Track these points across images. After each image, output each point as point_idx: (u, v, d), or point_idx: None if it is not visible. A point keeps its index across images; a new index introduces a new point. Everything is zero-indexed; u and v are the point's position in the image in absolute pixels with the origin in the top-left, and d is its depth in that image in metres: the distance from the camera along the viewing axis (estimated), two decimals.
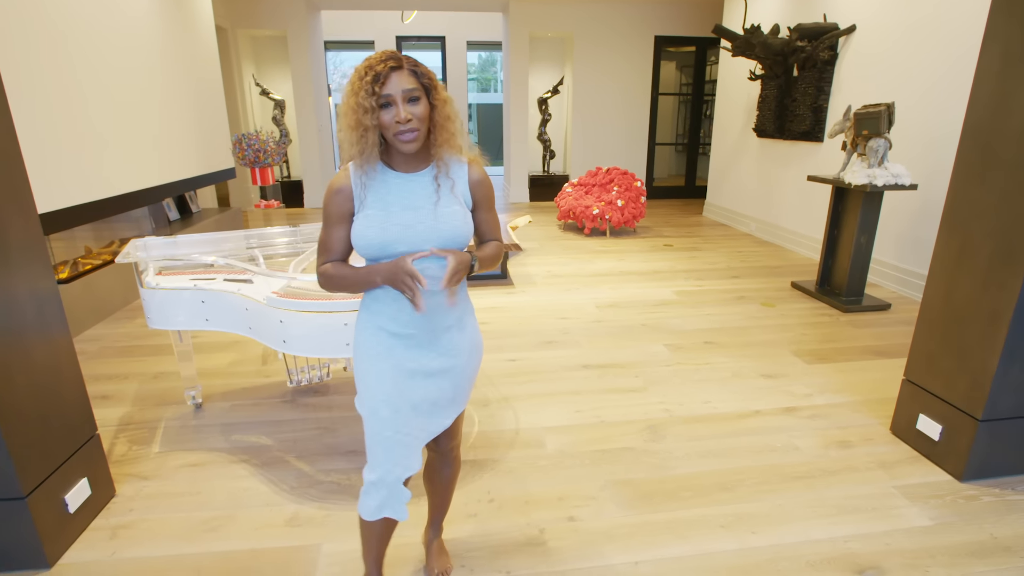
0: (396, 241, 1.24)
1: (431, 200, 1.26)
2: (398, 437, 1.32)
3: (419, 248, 1.24)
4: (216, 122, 5.82)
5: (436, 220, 1.25)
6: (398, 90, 1.17)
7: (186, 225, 5.51)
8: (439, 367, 1.35)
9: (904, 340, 3.36)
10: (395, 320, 1.31)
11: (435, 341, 1.34)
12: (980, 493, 2.06)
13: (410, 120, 1.18)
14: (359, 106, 1.16)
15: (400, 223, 1.24)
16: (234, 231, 2.37)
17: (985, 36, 1.96)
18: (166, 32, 4.76)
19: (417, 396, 1.34)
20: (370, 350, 1.33)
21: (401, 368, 1.32)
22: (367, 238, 1.24)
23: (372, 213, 1.24)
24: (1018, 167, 1.86)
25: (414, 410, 1.33)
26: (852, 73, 4.70)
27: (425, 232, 1.24)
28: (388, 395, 1.31)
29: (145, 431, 2.49)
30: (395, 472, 1.33)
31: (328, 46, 10.82)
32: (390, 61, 1.17)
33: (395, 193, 1.26)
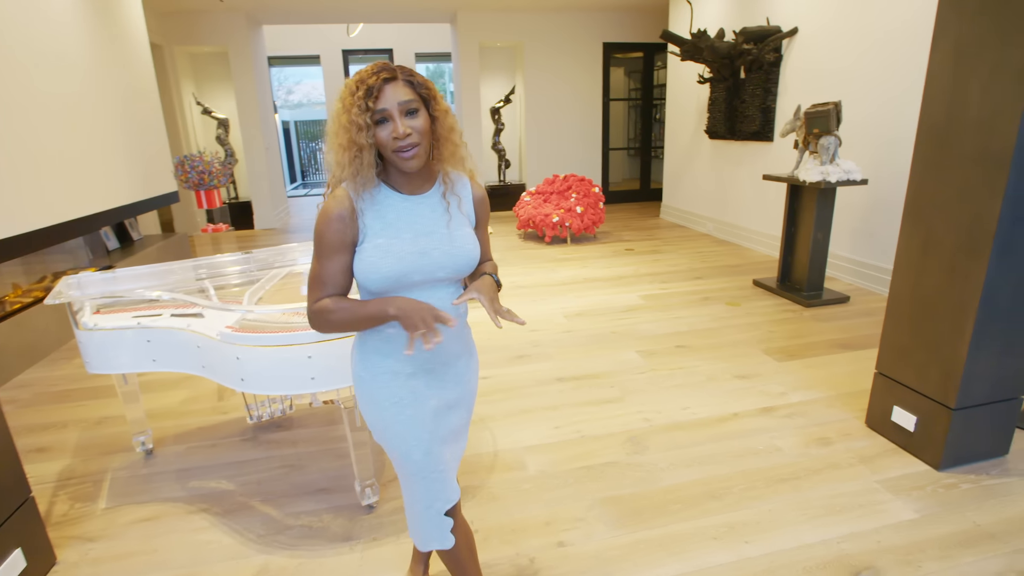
0: (412, 271, 1.13)
1: (443, 222, 1.17)
2: (434, 475, 1.27)
3: (433, 276, 1.15)
4: (156, 144, 5.51)
5: (451, 244, 1.16)
6: (394, 103, 1.06)
7: (127, 254, 5.18)
8: (457, 396, 1.30)
9: (866, 331, 3.44)
10: (410, 360, 1.21)
11: (450, 371, 1.28)
12: (958, 481, 2.09)
13: (409, 134, 1.08)
14: (352, 124, 1.05)
15: (415, 250, 1.13)
16: (180, 261, 2.20)
17: (935, 32, 2.00)
18: (95, 51, 4.47)
19: (444, 430, 1.29)
20: (390, 398, 1.23)
21: (425, 408, 1.24)
22: (381, 270, 1.11)
23: (383, 242, 1.12)
24: (975, 160, 1.90)
25: (443, 443, 1.29)
26: (797, 74, 4.84)
27: (440, 258, 1.15)
28: (419, 439, 1.24)
29: (89, 485, 2.27)
30: (436, 506, 1.29)
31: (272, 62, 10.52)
32: (383, 72, 1.07)
33: (404, 218, 1.15)
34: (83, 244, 4.83)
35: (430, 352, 1.21)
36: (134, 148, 5.04)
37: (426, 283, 1.16)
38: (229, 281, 2.24)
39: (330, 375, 1.73)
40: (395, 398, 1.23)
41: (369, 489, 2.00)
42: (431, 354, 1.22)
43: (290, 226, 8.10)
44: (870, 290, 4.19)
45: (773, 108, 5.13)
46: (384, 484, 2.17)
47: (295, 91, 15.49)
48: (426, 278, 1.15)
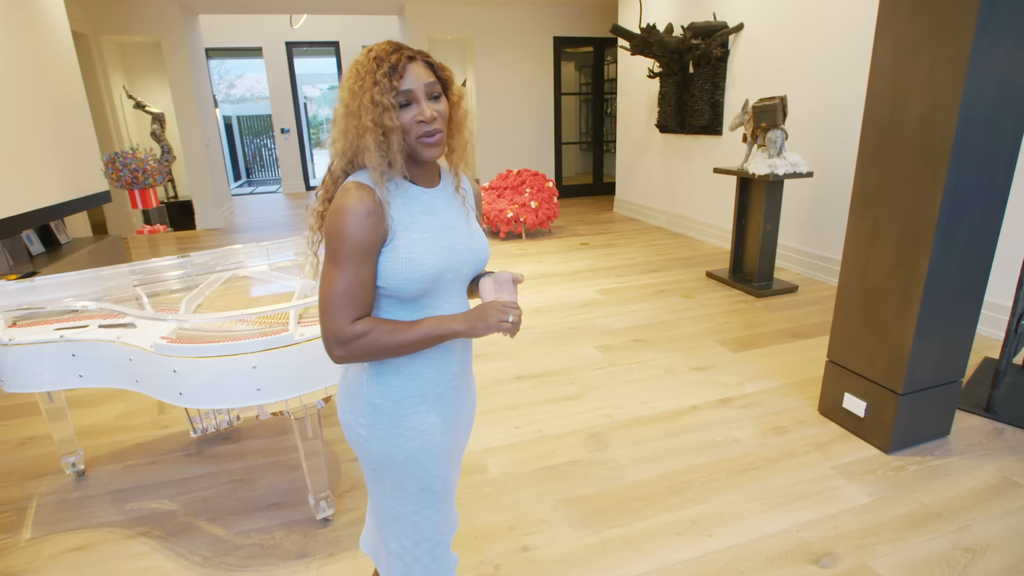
0: (446, 267, 1.04)
1: (461, 216, 1.10)
2: (448, 504, 1.17)
3: (460, 273, 1.07)
4: (82, 140, 5.15)
5: (472, 239, 1.09)
6: (419, 84, 0.96)
7: (53, 259, 4.82)
8: (469, 415, 1.21)
9: (815, 320, 3.55)
10: (441, 376, 1.09)
11: (469, 386, 1.20)
12: (906, 463, 2.16)
13: (435, 119, 0.98)
14: (376, 104, 0.93)
15: (446, 245, 1.04)
16: (110, 267, 2.03)
17: (877, 30, 2.05)
18: (7, 40, 4.12)
19: (457, 453, 1.19)
20: (417, 426, 1.07)
21: (449, 433, 1.14)
22: (424, 267, 0.99)
23: (419, 237, 1.01)
24: (915, 153, 1.96)
25: (454, 468, 1.19)
26: (743, 69, 4.95)
27: (465, 253, 1.07)
28: (441, 468, 1.12)
29: (12, 514, 2.07)
30: (446, 540, 1.18)
31: (211, 54, 10.03)
32: (405, 50, 0.97)
33: (429, 212, 1.05)
34: (2, 250, 4.46)
35: (459, 367, 1.12)
36: (57, 144, 4.68)
37: (455, 281, 1.07)
38: (165, 287, 2.09)
39: (277, 385, 1.62)
40: (423, 426, 1.08)
41: (324, 502, 1.91)
42: (459, 368, 1.12)
43: (235, 226, 7.75)
44: (817, 279, 4.33)
45: (721, 102, 5.23)
46: (339, 496, 2.07)
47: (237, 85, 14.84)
48: (455, 276, 1.06)
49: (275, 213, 8.76)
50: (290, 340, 1.61)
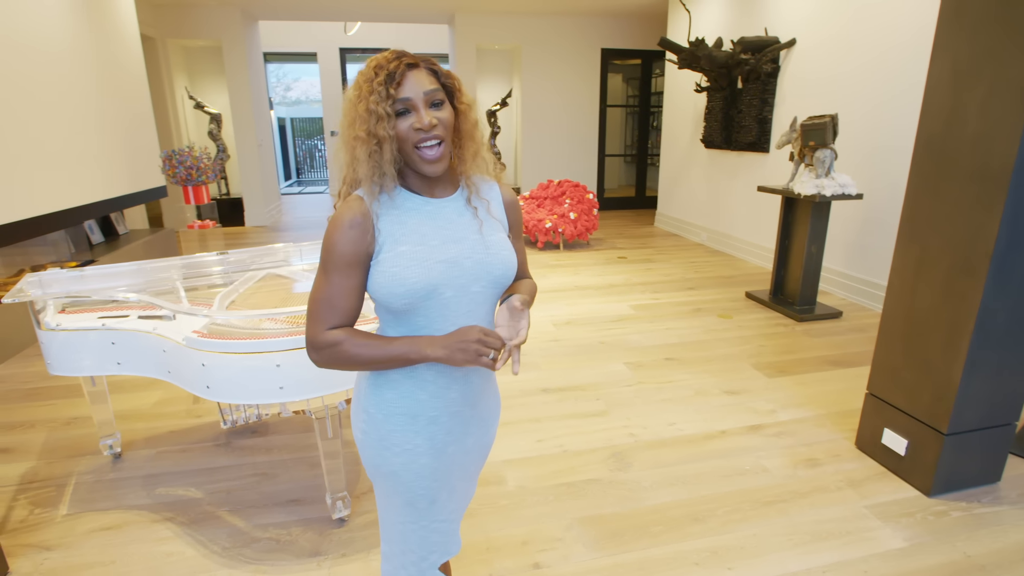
0: (442, 283, 0.96)
1: (474, 227, 1.01)
2: (436, 526, 1.12)
3: (466, 290, 0.98)
4: (144, 137, 5.43)
5: (486, 252, 1.00)
6: (418, 92, 0.93)
7: (112, 248, 5.08)
8: (476, 442, 1.13)
9: (858, 348, 3.39)
10: (436, 400, 1.04)
11: (476, 414, 1.10)
12: (949, 508, 2.03)
13: (435, 125, 0.93)
14: (370, 114, 0.92)
15: (444, 259, 0.97)
16: (151, 260, 2.12)
17: (934, 48, 1.96)
18: (82, 41, 4.39)
19: (456, 478, 1.12)
20: (403, 444, 1.05)
21: (442, 457, 1.07)
22: (408, 281, 0.94)
23: (407, 249, 0.95)
24: (972, 178, 1.85)
25: (452, 493, 1.12)
26: (794, 85, 4.80)
27: (474, 269, 0.99)
28: (427, 489, 1.08)
29: (52, 489, 2.18)
30: (431, 559, 1.13)
31: (270, 58, 10.44)
32: (404, 58, 0.94)
33: (428, 223, 0.99)
34: (66, 237, 4.74)
35: (459, 394, 1.05)
36: (121, 141, 4.95)
37: (460, 300, 0.99)
38: (204, 283, 2.16)
39: (300, 385, 1.65)
40: (409, 444, 1.04)
41: (340, 502, 1.93)
42: (459, 395, 1.05)
43: (281, 224, 8.01)
44: (863, 306, 4.14)
45: (770, 119, 5.09)
46: (356, 497, 2.09)
47: (293, 88, 15.39)
48: (458, 293, 0.98)
49: (320, 213, 9.01)
50: None
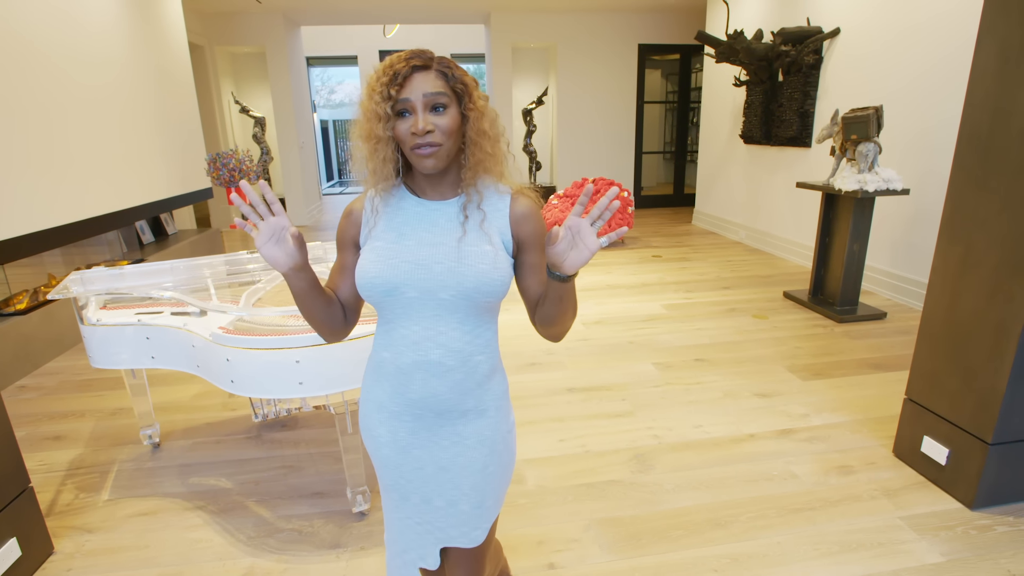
0: (405, 283, 0.97)
1: (455, 235, 0.99)
2: (409, 523, 1.12)
3: (434, 295, 0.97)
4: (191, 141, 5.67)
5: (459, 259, 0.97)
6: (418, 94, 0.93)
7: (161, 248, 5.34)
8: (449, 459, 1.06)
9: (902, 351, 3.23)
10: (395, 398, 1.04)
11: (444, 427, 1.05)
12: (993, 522, 1.91)
13: (430, 131, 0.93)
14: (372, 113, 0.94)
15: (412, 260, 0.97)
16: (186, 259, 2.21)
17: (980, 33, 1.84)
18: (134, 49, 4.62)
19: (430, 489, 1.08)
20: (369, 429, 1.10)
21: (406, 456, 1.07)
22: (368, 275, 0.98)
23: (381, 245, 0.99)
24: (1020, 171, 1.73)
25: (426, 503, 1.09)
26: (838, 77, 4.61)
27: (443, 275, 0.97)
28: (395, 481, 1.09)
29: (96, 476, 2.31)
30: (409, 555, 1.14)
31: (311, 62, 10.73)
32: (414, 60, 0.94)
33: (412, 224, 1.01)
34: (119, 237, 5.00)
35: (417, 396, 1.02)
36: (170, 145, 5.19)
37: (425, 303, 0.98)
38: (234, 280, 2.24)
39: (319, 380, 1.69)
40: (374, 432, 1.08)
41: (360, 496, 1.97)
42: (421, 399, 1.02)
43: (322, 223, 8.22)
44: (910, 306, 3.94)
45: (812, 112, 4.90)
46: (376, 492, 2.13)
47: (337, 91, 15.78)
48: (424, 295, 0.97)
49: None
50: None
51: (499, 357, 1.09)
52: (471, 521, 1.10)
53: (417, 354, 1.00)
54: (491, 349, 1.05)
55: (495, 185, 1.05)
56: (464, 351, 1.00)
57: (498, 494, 1.12)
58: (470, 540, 1.11)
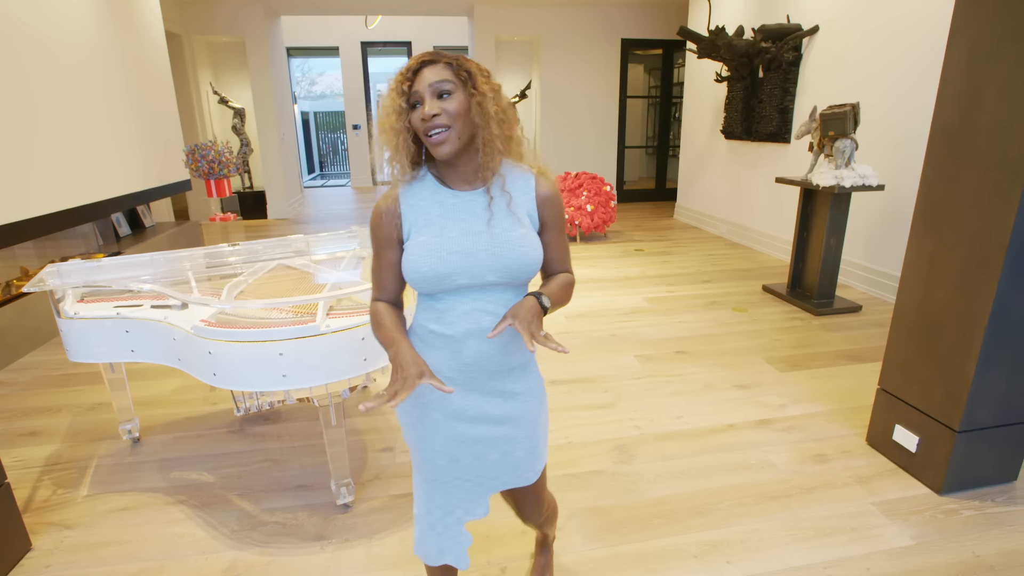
0: (454, 272, 1.06)
1: (490, 220, 1.08)
2: (458, 483, 1.19)
3: (481, 279, 1.07)
4: (168, 132, 5.57)
5: (500, 244, 1.07)
6: (425, 84, 1.01)
7: (138, 240, 5.25)
8: (503, 415, 1.17)
9: (877, 343, 3.31)
10: (451, 363, 1.13)
11: (495, 385, 1.15)
12: (960, 507, 1.98)
13: (437, 115, 1.00)
14: (390, 108, 1.04)
15: (458, 250, 1.06)
16: (166, 252, 2.18)
17: (951, 32, 1.89)
18: (108, 38, 4.51)
19: (484, 446, 1.17)
20: (424, 396, 1.16)
21: (461, 416, 1.15)
22: (420, 270, 1.06)
23: (425, 240, 1.07)
24: (989, 167, 1.79)
25: (478, 459, 1.18)
26: (817, 74, 4.68)
27: (487, 260, 1.06)
28: (444, 445, 1.16)
29: (74, 471, 2.27)
30: (455, 514, 1.21)
31: (292, 53, 10.57)
32: (424, 57, 1.04)
33: (451, 215, 1.08)
34: (94, 230, 4.90)
35: (471, 359, 1.12)
36: (148, 136, 5.09)
37: (474, 287, 1.08)
38: (216, 273, 2.22)
39: (302, 373, 1.69)
40: (425, 398, 1.16)
41: (344, 489, 1.97)
42: (474, 361, 1.12)
43: (303, 216, 8.14)
44: (884, 300, 4.04)
45: (791, 109, 4.98)
46: (362, 484, 2.13)
47: (318, 82, 15.56)
48: (473, 281, 1.07)
49: (342, 206, 9.12)
50: (316, 331, 1.67)
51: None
52: (524, 465, 1.21)
53: (469, 323, 1.09)
54: None
55: (516, 166, 1.13)
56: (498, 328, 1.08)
57: (544, 438, 1.25)
58: (524, 481, 1.23)
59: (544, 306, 1.06)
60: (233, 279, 2.05)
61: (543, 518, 1.42)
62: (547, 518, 1.45)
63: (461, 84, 1.02)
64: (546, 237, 1.15)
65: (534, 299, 1.05)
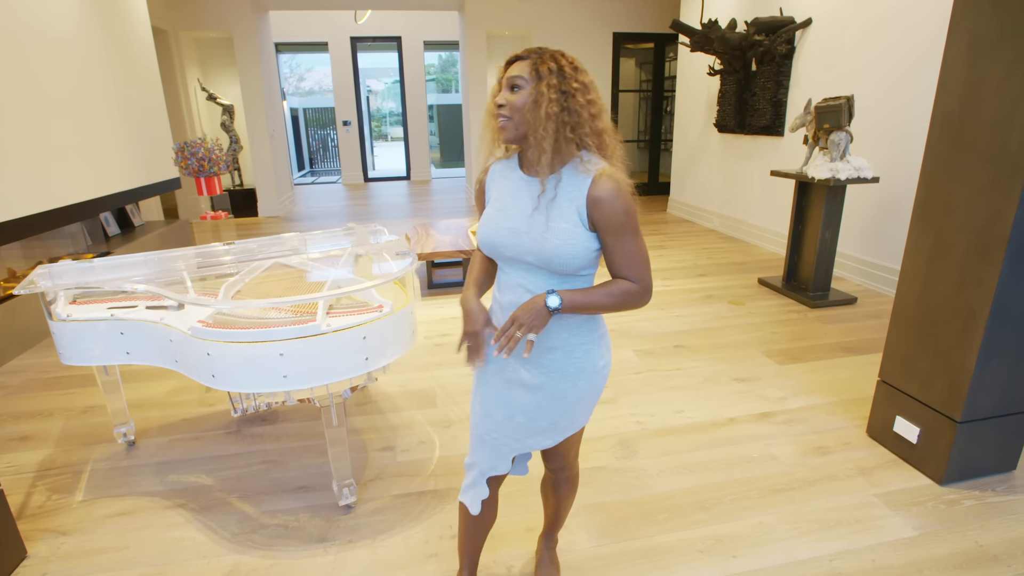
0: (502, 245, 1.20)
1: (539, 209, 1.17)
2: (486, 438, 1.34)
3: (522, 258, 1.19)
4: (157, 129, 5.48)
5: (540, 233, 1.15)
6: (506, 77, 1.15)
7: (127, 240, 5.17)
8: (537, 384, 1.28)
9: (873, 335, 3.33)
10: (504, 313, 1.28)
11: (535, 357, 1.26)
12: (961, 497, 1.99)
13: (502, 106, 1.14)
14: (491, 95, 1.19)
15: (508, 227, 1.19)
16: (158, 252, 2.14)
17: (951, 25, 1.89)
18: (93, 33, 4.43)
19: (513, 407, 1.31)
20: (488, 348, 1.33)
21: (501, 375, 1.30)
22: (481, 236, 1.24)
23: (491, 211, 1.23)
24: (989, 159, 1.79)
25: (508, 419, 1.32)
26: (810, 67, 4.69)
27: (528, 243, 1.17)
28: (483, 397, 1.34)
29: (68, 476, 2.23)
30: (480, 467, 1.37)
31: (280, 48, 10.46)
32: (521, 52, 1.16)
33: (513, 195, 1.21)
34: (82, 229, 4.82)
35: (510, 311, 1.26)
36: (135, 133, 5.01)
37: (517, 262, 1.21)
38: (211, 272, 2.18)
39: (304, 373, 1.66)
40: (489, 353, 1.31)
41: (347, 489, 1.95)
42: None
43: (294, 214, 8.06)
44: (879, 291, 4.06)
45: (784, 102, 4.98)
46: (364, 484, 2.11)
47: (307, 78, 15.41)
48: (516, 256, 1.19)
49: (333, 203, 9.05)
50: (316, 330, 1.64)
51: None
52: (545, 433, 1.32)
53: (513, 296, 1.23)
54: None
55: (586, 163, 1.15)
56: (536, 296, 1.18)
57: (574, 417, 1.32)
58: (542, 445, 1.34)
59: (549, 306, 1.14)
60: (230, 278, 2.01)
61: (564, 474, 1.51)
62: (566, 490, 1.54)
63: (534, 81, 1.12)
64: (604, 239, 1.15)
65: (539, 299, 1.15)
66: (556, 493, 1.56)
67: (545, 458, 1.49)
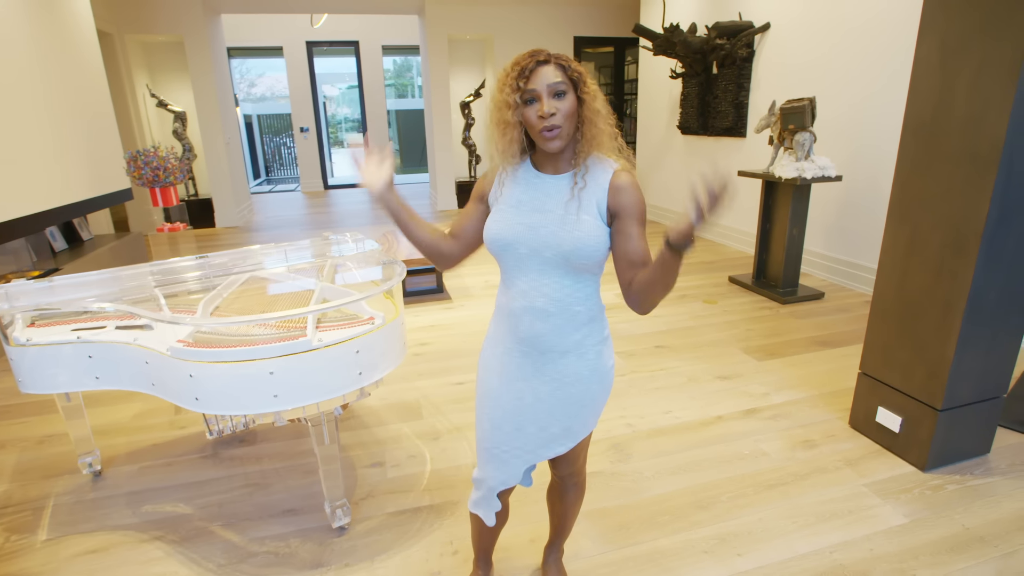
0: (517, 241, 1.18)
1: (562, 203, 1.17)
2: (495, 452, 1.32)
3: (539, 253, 1.17)
4: (105, 138, 5.20)
5: (560, 226, 1.15)
6: (543, 84, 1.10)
7: (76, 255, 4.87)
8: (548, 392, 1.26)
9: (843, 328, 3.44)
10: (510, 335, 1.27)
11: (547, 365, 1.25)
12: (944, 482, 2.07)
13: (554, 114, 1.10)
14: (503, 103, 1.13)
15: (525, 223, 1.18)
16: (127, 267, 2.01)
17: (920, 28, 1.96)
18: (34, 38, 4.16)
19: (524, 417, 1.29)
20: (485, 361, 1.34)
21: (510, 386, 1.28)
22: (491, 233, 1.21)
23: (503, 208, 1.21)
24: (962, 159, 1.86)
25: (518, 431, 1.30)
26: (769, 69, 4.83)
27: (548, 237, 1.16)
28: (491, 410, 1.31)
29: (28, 514, 2.06)
30: (490, 482, 1.36)
31: (233, 53, 10.12)
32: (537, 56, 1.12)
33: (529, 193, 1.21)
34: (26, 245, 4.51)
35: (525, 335, 1.23)
36: (81, 142, 4.73)
37: (533, 259, 1.18)
38: (184, 288, 2.06)
39: (295, 392, 1.58)
40: (488, 363, 1.31)
41: (340, 510, 1.87)
42: (527, 338, 1.23)
43: (253, 224, 7.79)
44: (844, 286, 4.21)
45: (746, 104, 5.12)
46: (356, 503, 2.03)
47: (258, 83, 14.97)
48: (531, 252, 1.17)
49: (293, 212, 8.80)
50: (308, 346, 1.57)
51: (600, 307, 1.26)
52: (558, 440, 1.31)
53: (525, 300, 1.21)
54: (591, 301, 1.23)
55: (605, 161, 1.19)
56: (564, 300, 1.19)
57: (585, 420, 1.32)
58: (556, 453, 1.33)
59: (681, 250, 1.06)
60: (208, 294, 1.90)
61: (573, 480, 1.49)
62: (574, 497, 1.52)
63: (572, 85, 1.12)
64: (622, 225, 1.16)
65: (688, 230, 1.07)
66: (564, 500, 1.53)
67: (554, 465, 1.46)
